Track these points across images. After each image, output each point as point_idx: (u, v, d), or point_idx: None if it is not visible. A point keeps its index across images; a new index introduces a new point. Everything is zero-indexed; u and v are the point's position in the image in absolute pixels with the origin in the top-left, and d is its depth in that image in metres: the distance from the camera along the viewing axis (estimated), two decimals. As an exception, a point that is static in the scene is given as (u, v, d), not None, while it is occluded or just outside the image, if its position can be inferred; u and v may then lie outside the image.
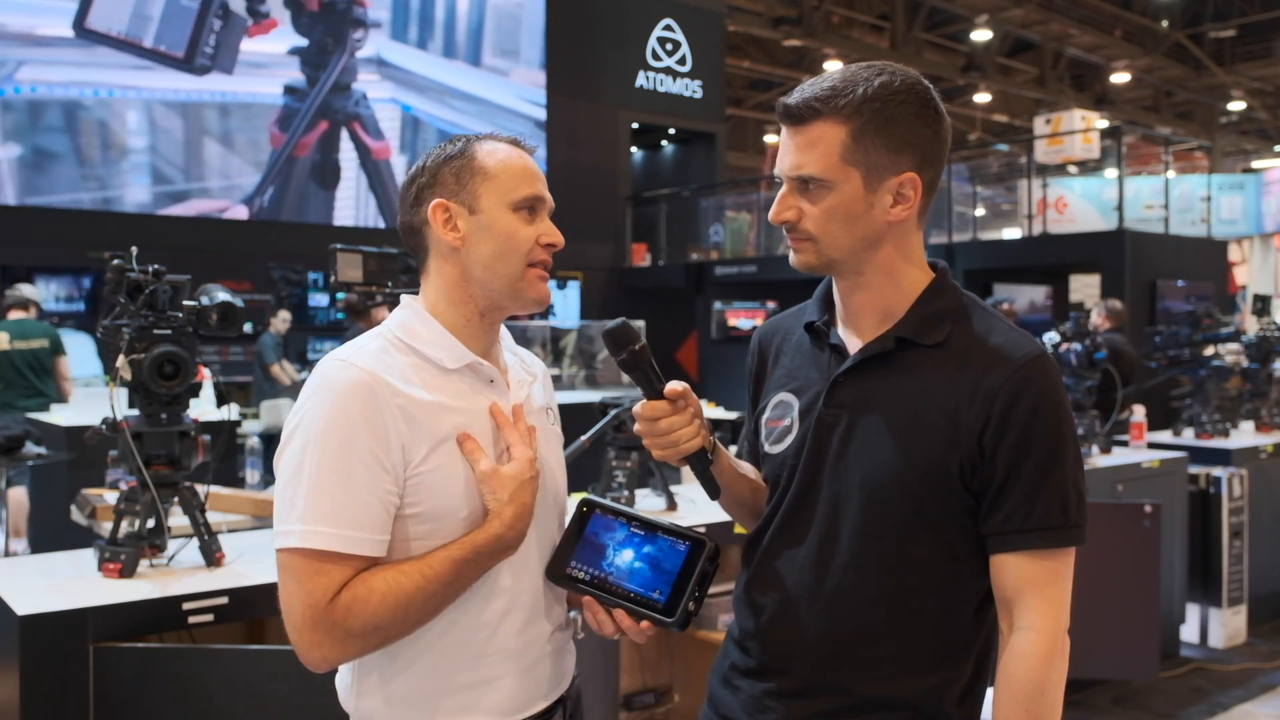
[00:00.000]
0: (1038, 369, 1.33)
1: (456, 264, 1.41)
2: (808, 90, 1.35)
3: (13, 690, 2.18)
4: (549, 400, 1.56)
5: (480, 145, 1.42)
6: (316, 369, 1.36)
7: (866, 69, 1.36)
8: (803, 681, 1.39)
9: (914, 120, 1.34)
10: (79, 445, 4.44)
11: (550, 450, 1.50)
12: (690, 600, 1.35)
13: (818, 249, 1.37)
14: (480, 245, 1.39)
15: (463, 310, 1.42)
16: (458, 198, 1.40)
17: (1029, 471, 1.31)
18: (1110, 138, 11.94)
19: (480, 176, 1.40)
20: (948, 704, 1.37)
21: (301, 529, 1.29)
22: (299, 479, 1.30)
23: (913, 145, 1.34)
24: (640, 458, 3.42)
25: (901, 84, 1.34)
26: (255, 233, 11.14)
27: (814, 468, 1.40)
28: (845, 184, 1.34)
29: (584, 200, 13.61)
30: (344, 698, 1.42)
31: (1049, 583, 1.32)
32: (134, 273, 2.55)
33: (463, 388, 1.39)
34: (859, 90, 1.32)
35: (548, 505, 1.46)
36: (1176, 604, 4.91)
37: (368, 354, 1.35)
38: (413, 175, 1.44)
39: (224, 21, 10.83)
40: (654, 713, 3.53)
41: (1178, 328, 5.75)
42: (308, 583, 1.28)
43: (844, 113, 1.32)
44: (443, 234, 1.40)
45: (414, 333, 1.40)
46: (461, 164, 1.41)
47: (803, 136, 1.35)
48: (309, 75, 11.60)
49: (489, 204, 1.39)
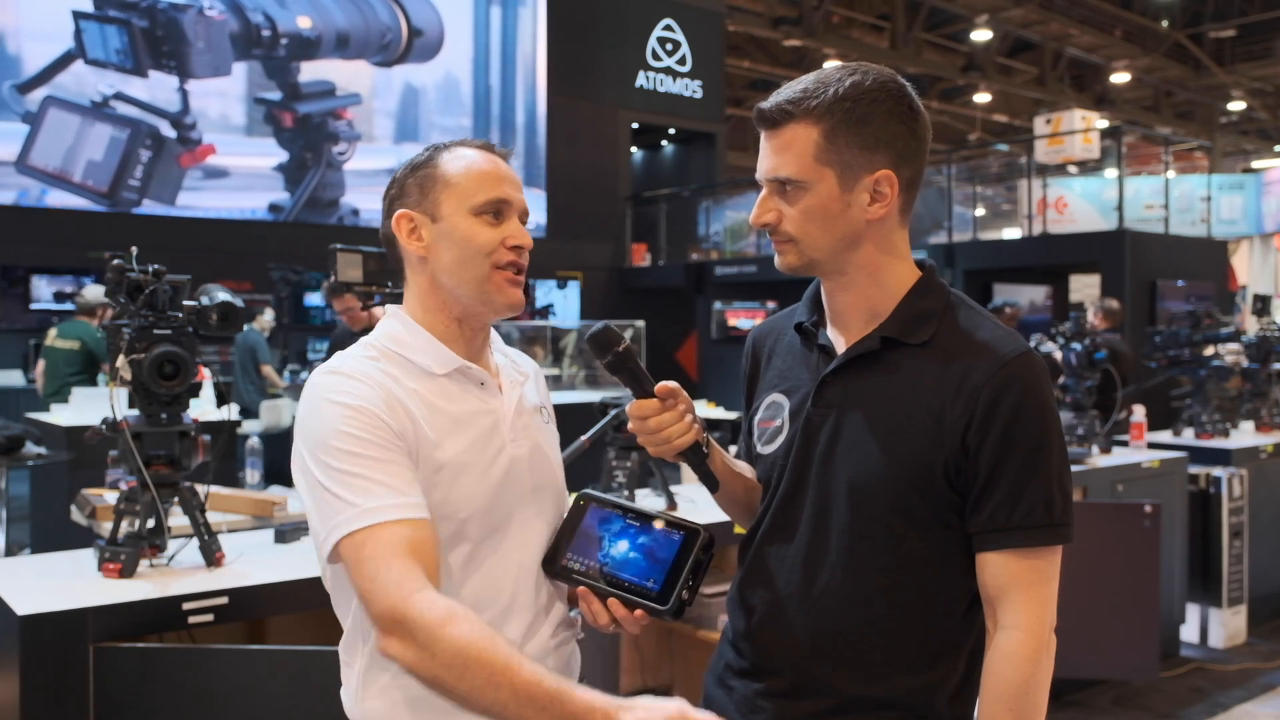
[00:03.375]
0: (1022, 367, 1.33)
1: (425, 273, 1.43)
2: (781, 94, 1.37)
3: (13, 690, 2.18)
4: (543, 399, 1.56)
5: (445, 153, 1.43)
6: (307, 385, 1.37)
7: (840, 70, 1.37)
8: (794, 681, 1.40)
9: (887, 118, 1.34)
10: (79, 445, 4.44)
11: (546, 445, 1.51)
12: (684, 589, 1.35)
13: (798, 250, 1.39)
14: (444, 253, 1.40)
15: (440, 317, 1.43)
16: (420, 207, 1.41)
17: (1012, 469, 1.31)
18: (1110, 138, 11.93)
19: (442, 185, 1.41)
20: (939, 703, 1.37)
21: (336, 520, 1.26)
22: (323, 480, 1.29)
23: (887, 143, 1.35)
24: (640, 458, 3.43)
25: (873, 83, 1.35)
26: (255, 233, 11.14)
27: (802, 468, 1.41)
28: (820, 184, 1.35)
29: (584, 200, 13.61)
30: (349, 703, 1.40)
31: (1034, 581, 1.32)
32: (134, 273, 2.55)
33: (452, 391, 1.40)
34: (829, 91, 1.34)
35: (547, 503, 1.47)
36: (1176, 604, 4.91)
37: (355, 359, 1.38)
38: (387, 187, 1.46)
39: (154, 152, 10.70)
40: (654, 713, 3.52)
41: (1178, 328, 5.75)
42: (369, 568, 1.23)
43: (815, 113, 1.33)
44: (408, 244, 1.42)
45: (400, 340, 1.41)
46: (425, 173, 1.42)
47: (777, 140, 1.36)
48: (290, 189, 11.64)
49: (449, 211, 1.40)
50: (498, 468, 1.40)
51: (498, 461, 1.40)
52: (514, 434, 1.43)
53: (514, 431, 1.44)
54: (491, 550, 1.39)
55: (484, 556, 1.38)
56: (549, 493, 1.48)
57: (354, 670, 1.39)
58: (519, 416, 1.45)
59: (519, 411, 1.46)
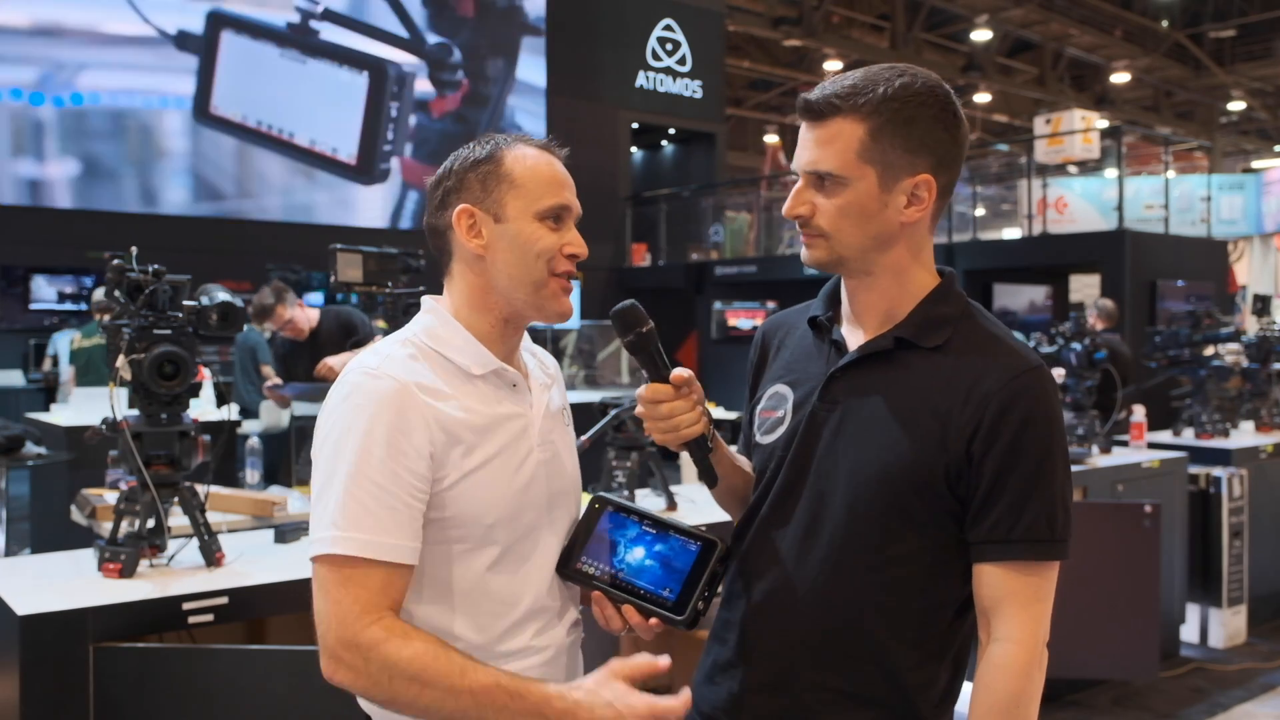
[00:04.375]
0: (1033, 380, 1.33)
1: (481, 272, 1.40)
2: (829, 87, 1.36)
3: (13, 690, 2.18)
4: (564, 401, 1.56)
5: (509, 151, 1.41)
6: (344, 378, 1.35)
7: (889, 69, 1.36)
8: (779, 676, 1.39)
9: (932, 123, 1.34)
10: (79, 445, 4.44)
11: (566, 450, 1.51)
12: (700, 600, 1.36)
13: (829, 245, 1.38)
14: (504, 254, 1.38)
15: (486, 318, 1.41)
16: (483, 204, 1.39)
17: (1016, 482, 1.30)
18: (1110, 138, 11.93)
19: (507, 184, 1.38)
20: (924, 707, 1.37)
21: (332, 535, 1.27)
22: (330, 487, 1.29)
23: (929, 147, 1.34)
24: (640, 458, 3.42)
25: (922, 86, 1.34)
26: (255, 233, 11.14)
27: (802, 460, 1.41)
28: (860, 181, 1.34)
29: (584, 200, 13.25)
30: (366, 702, 1.39)
31: (1030, 596, 1.31)
32: (134, 273, 2.55)
33: (487, 393, 1.39)
34: (880, 89, 1.33)
35: (563, 505, 1.47)
36: (1176, 604, 4.90)
37: (397, 362, 1.35)
38: (440, 177, 1.43)
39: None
40: (654, 713, 3.51)
41: (1178, 328, 5.75)
42: (335, 593, 1.26)
43: (863, 110, 1.33)
44: (466, 240, 1.39)
45: (439, 337, 1.39)
46: (488, 169, 1.39)
47: (821, 131, 1.35)
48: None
49: (514, 213, 1.38)
50: (524, 473, 1.39)
51: (524, 467, 1.40)
52: (540, 439, 1.43)
53: (541, 436, 1.44)
54: (516, 554, 1.39)
55: (509, 561, 1.38)
56: (569, 497, 1.49)
57: None
58: (546, 420, 1.46)
59: (546, 415, 1.46)
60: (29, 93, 10.10)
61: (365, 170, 11.60)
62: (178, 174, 10.94)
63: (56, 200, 10.32)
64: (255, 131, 11.06)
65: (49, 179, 10.29)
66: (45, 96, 10.18)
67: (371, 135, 11.56)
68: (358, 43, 11.65)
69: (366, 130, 11.53)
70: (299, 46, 11.24)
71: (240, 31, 10.98)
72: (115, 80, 10.53)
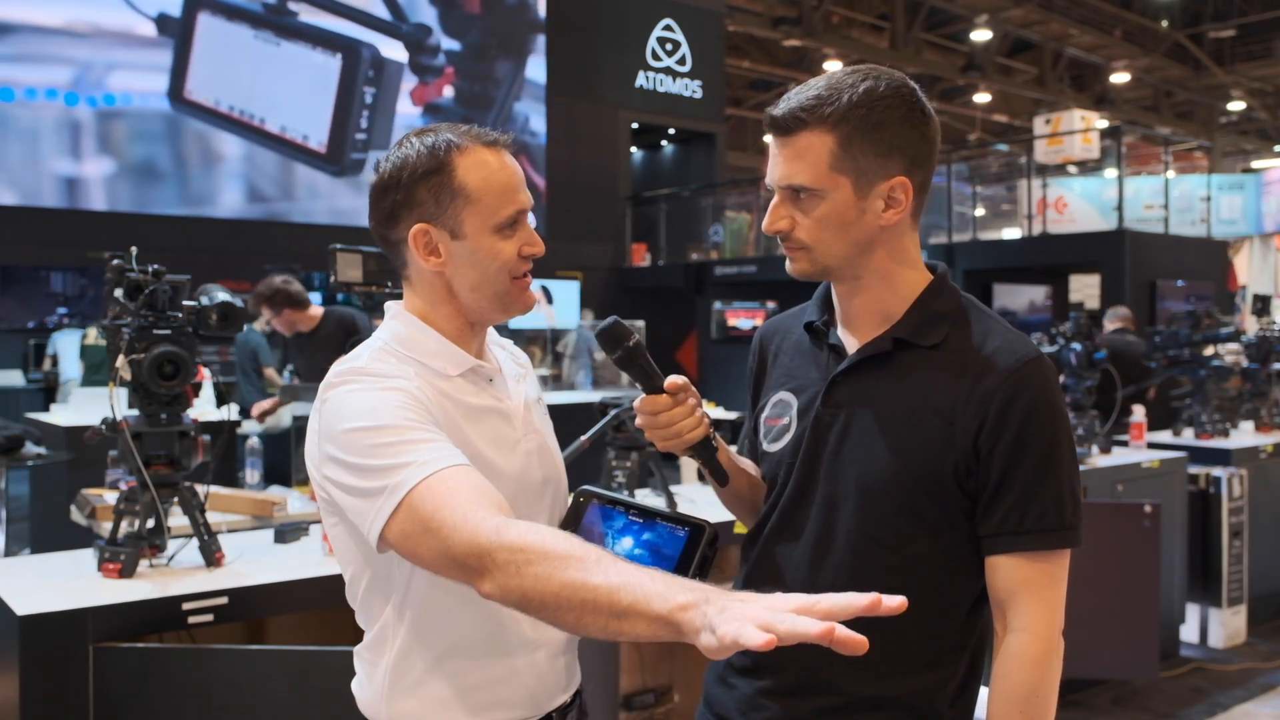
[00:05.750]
0: (1034, 371, 1.33)
1: (441, 283, 1.39)
2: (793, 100, 1.35)
3: (13, 690, 2.18)
4: (538, 392, 1.57)
5: (459, 158, 1.34)
6: (321, 393, 1.33)
7: (851, 74, 1.35)
8: (796, 680, 1.39)
9: (901, 124, 1.34)
10: (79, 445, 4.44)
11: (551, 437, 1.52)
12: None
13: (812, 257, 1.38)
14: (463, 269, 1.37)
15: (453, 321, 1.41)
16: (438, 221, 1.34)
17: (1025, 474, 1.31)
18: (1110, 138, 11.93)
19: (463, 199, 1.34)
20: (941, 704, 1.37)
21: (414, 466, 1.19)
22: (370, 462, 1.22)
23: (901, 149, 1.34)
24: (640, 458, 3.42)
25: (886, 88, 1.33)
26: (255, 232, 11.14)
27: (810, 467, 1.41)
28: (836, 192, 1.34)
29: (584, 200, 13.61)
30: (372, 702, 1.38)
31: (1044, 585, 1.32)
32: (134, 273, 2.55)
33: (468, 389, 1.39)
34: (844, 97, 1.32)
35: (554, 491, 1.47)
36: (1176, 604, 4.90)
37: (379, 361, 1.34)
38: (385, 185, 1.36)
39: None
40: (654, 713, 3.52)
41: (1178, 328, 5.75)
42: (454, 507, 1.14)
43: (830, 121, 1.32)
44: (423, 260, 1.36)
45: (411, 343, 1.38)
46: (440, 182, 1.33)
47: (790, 148, 1.35)
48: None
49: (472, 229, 1.34)
50: (514, 463, 1.40)
51: (513, 457, 1.40)
52: (525, 429, 1.44)
53: (525, 426, 1.44)
54: None
55: None
56: (559, 483, 1.49)
57: (379, 668, 1.37)
58: (527, 411, 1.46)
59: (526, 405, 1.46)
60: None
61: (335, 159, 11.16)
62: (175, 173, 10.91)
63: (47, 200, 10.28)
64: (226, 117, 10.73)
65: (48, 179, 10.28)
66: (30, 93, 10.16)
67: (342, 121, 11.10)
68: (336, 25, 11.33)
69: (338, 116, 11.08)
70: (274, 28, 10.92)
71: (216, 13, 10.70)
72: (133, 82, 10.51)
